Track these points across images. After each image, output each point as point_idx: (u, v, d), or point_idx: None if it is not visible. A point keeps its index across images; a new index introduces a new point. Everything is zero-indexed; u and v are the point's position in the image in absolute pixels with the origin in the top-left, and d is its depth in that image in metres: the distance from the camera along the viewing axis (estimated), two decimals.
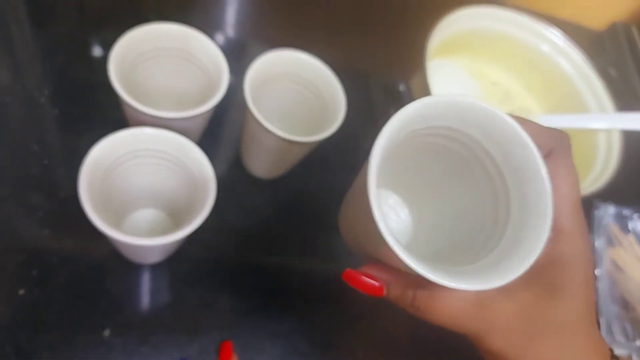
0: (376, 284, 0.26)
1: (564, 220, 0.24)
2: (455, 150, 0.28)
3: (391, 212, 0.36)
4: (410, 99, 0.47)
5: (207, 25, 0.58)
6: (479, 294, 0.24)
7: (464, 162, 0.28)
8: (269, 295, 0.43)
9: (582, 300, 0.24)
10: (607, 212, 0.57)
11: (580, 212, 0.25)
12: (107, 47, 0.37)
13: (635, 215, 0.58)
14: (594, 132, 0.51)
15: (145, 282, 0.41)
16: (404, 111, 0.24)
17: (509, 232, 0.25)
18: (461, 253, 0.27)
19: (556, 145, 0.26)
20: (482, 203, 0.28)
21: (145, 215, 0.43)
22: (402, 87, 0.46)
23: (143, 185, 0.39)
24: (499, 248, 0.24)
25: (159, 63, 0.41)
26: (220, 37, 0.58)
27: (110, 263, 0.40)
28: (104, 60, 0.36)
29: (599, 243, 0.55)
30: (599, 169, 0.48)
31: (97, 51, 0.51)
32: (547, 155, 0.25)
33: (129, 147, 0.34)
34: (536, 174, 0.24)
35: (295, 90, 0.45)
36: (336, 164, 0.53)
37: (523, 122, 0.25)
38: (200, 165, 0.35)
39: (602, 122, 0.50)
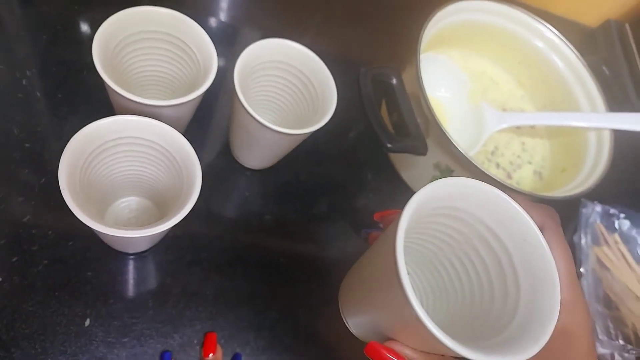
0: None
1: (563, 292, 0.26)
2: (459, 229, 0.30)
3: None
4: (402, 91, 0.46)
5: (200, 9, 0.57)
6: None
7: (469, 242, 0.30)
8: (254, 287, 0.43)
9: None
10: (594, 210, 0.57)
11: (577, 284, 0.27)
12: (95, 27, 0.36)
13: (622, 215, 0.58)
14: (584, 130, 0.51)
15: (129, 271, 0.40)
16: (423, 192, 0.26)
17: (522, 303, 0.26)
18: (478, 325, 0.29)
19: (547, 221, 0.28)
20: (490, 282, 0.29)
21: (130, 203, 0.42)
22: (394, 80, 0.45)
23: (127, 173, 0.38)
24: (515, 320, 0.26)
25: (146, 47, 0.40)
26: (212, 21, 0.57)
27: (92, 251, 0.39)
28: (91, 41, 0.35)
29: (585, 241, 0.55)
30: (589, 168, 0.47)
31: (84, 31, 0.49)
32: (539, 230, 0.27)
33: (112, 135, 0.33)
34: (535, 240, 0.26)
35: (286, 80, 0.44)
36: (325, 154, 0.52)
37: (516, 198, 0.27)
38: (186, 155, 0.34)
39: (593, 122, 0.49)
